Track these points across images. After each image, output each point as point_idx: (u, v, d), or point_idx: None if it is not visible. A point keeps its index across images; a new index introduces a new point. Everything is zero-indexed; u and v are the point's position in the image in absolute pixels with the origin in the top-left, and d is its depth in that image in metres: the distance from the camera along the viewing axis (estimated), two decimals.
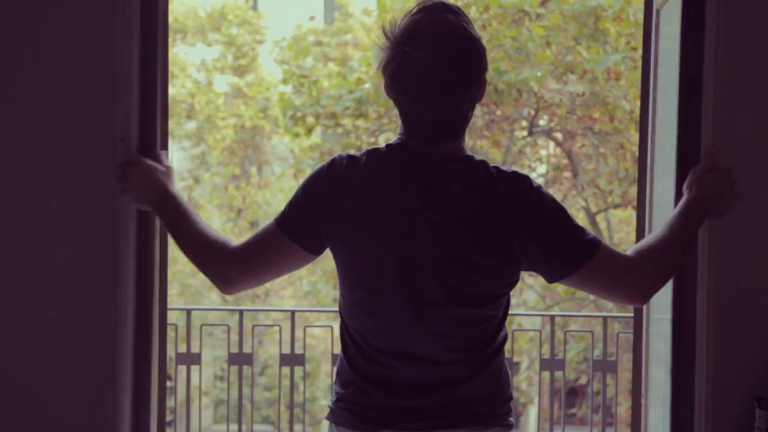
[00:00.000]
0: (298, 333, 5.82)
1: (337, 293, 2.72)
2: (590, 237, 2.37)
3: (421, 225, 2.28)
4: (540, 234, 2.32)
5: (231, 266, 2.47)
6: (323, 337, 16.49)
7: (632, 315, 3.85)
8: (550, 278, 2.41)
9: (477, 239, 2.29)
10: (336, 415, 2.41)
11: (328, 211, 2.33)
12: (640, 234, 3.76)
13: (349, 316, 2.39)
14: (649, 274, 2.44)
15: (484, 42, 2.28)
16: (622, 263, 2.41)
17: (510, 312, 2.50)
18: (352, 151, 2.39)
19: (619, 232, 14.49)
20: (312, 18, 21.26)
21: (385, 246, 2.30)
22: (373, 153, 2.34)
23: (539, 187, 2.37)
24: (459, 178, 2.32)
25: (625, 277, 2.41)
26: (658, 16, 3.61)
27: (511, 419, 2.44)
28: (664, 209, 3.63)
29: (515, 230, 2.31)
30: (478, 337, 2.39)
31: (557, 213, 2.36)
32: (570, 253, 2.34)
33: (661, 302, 3.63)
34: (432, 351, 2.33)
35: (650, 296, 2.49)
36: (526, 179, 2.36)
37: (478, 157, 2.38)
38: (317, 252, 2.42)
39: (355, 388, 2.37)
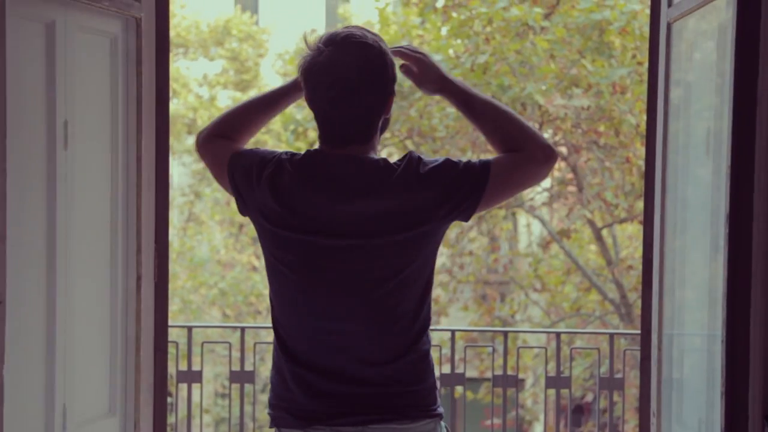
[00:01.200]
0: None
1: None
2: (481, 161, 2.51)
3: (327, 224, 2.43)
4: (440, 192, 2.45)
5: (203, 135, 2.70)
6: None
7: (639, 332, 3.83)
8: (469, 214, 2.51)
9: (382, 228, 2.42)
10: None
11: (252, 189, 2.50)
12: (647, 249, 3.74)
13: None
14: (531, 142, 2.54)
15: (486, 56, 2.33)
16: (513, 156, 2.54)
17: (514, 329, 2.50)
18: (293, 152, 2.54)
19: (627, 248, 14.46)
20: (313, 31, 21.27)
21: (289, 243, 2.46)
22: (295, 155, 2.50)
23: (420, 156, 2.49)
24: (360, 173, 2.44)
25: (525, 160, 2.54)
26: (669, 29, 3.59)
27: (440, 409, 2.51)
28: (676, 225, 3.61)
29: (423, 201, 2.43)
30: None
31: (448, 166, 2.48)
32: (472, 188, 2.47)
33: (673, 317, 3.61)
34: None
35: (547, 148, 2.56)
36: (410, 154, 2.48)
37: (377, 156, 2.51)
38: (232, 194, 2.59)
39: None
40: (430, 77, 2.62)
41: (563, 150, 13.22)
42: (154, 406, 3.74)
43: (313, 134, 12.98)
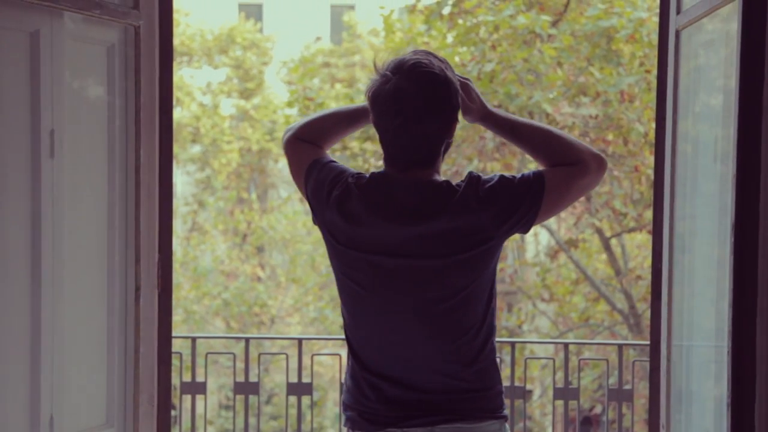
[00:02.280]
0: (306, 361, 5.78)
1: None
2: (534, 173, 2.62)
3: (392, 245, 2.56)
4: (500, 211, 2.56)
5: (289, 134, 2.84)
6: (331, 365, 16.45)
7: (648, 343, 3.82)
8: (528, 226, 2.63)
9: (445, 249, 2.54)
10: None
11: (322, 205, 2.65)
12: (656, 258, 3.74)
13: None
14: (583, 154, 2.64)
15: (493, 64, 2.41)
16: (568, 168, 2.64)
17: (522, 339, 2.55)
18: (360, 172, 2.66)
19: (636, 258, 14.44)
20: (318, 39, 21.32)
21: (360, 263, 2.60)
22: (361, 178, 2.63)
23: (479, 176, 2.60)
24: (423, 196, 2.56)
25: (581, 172, 2.64)
26: (677, 37, 3.60)
27: (504, 412, 2.64)
28: (685, 234, 3.61)
29: (485, 220, 2.55)
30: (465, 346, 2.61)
31: (504, 183, 2.59)
32: (530, 202, 2.59)
33: (682, 327, 3.61)
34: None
35: (598, 157, 2.67)
36: (470, 175, 2.60)
37: (440, 179, 2.61)
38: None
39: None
40: (474, 106, 2.71)
41: None
42: (158, 417, 3.74)
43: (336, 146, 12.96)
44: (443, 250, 2.53)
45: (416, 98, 2.51)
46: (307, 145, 2.79)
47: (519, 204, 2.57)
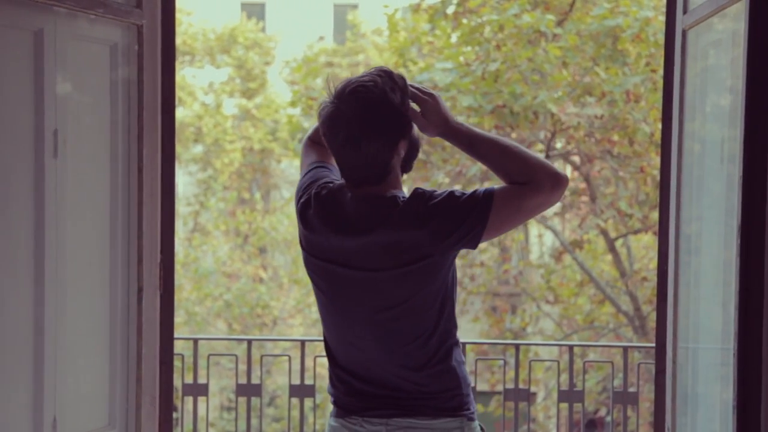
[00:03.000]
0: (308, 363, 5.79)
1: None
2: (485, 190, 2.66)
3: (340, 255, 2.70)
4: (442, 226, 2.63)
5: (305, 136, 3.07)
6: None
7: (654, 345, 3.82)
8: (474, 243, 2.68)
9: (386, 262, 2.65)
10: None
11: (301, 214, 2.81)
12: (662, 260, 3.74)
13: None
14: (538, 173, 2.66)
15: (497, 63, 2.45)
16: (519, 187, 2.67)
17: (526, 341, 2.57)
18: (330, 182, 2.80)
19: (641, 259, 14.43)
20: (321, 38, 21.33)
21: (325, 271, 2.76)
22: (324, 188, 2.77)
23: (424, 192, 2.68)
24: (368, 211, 2.68)
25: (532, 191, 2.67)
26: (684, 36, 3.60)
27: (466, 411, 2.73)
28: (691, 235, 3.61)
29: (423, 236, 2.63)
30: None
31: (449, 200, 2.65)
32: (476, 218, 2.63)
33: (688, 330, 3.60)
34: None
35: (555, 176, 2.67)
36: (415, 191, 2.69)
37: (390, 194, 2.70)
38: None
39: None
40: (433, 121, 2.75)
41: (576, 159, 13.22)
42: (159, 419, 3.75)
43: None
44: (383, 263, 2.65)
45: (354, 122, 2.62)
46: (318, 147, 2.93)
47: (461, 221, 2.62)
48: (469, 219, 2.63)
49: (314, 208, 2.74)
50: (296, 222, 2.86)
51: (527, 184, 2.66)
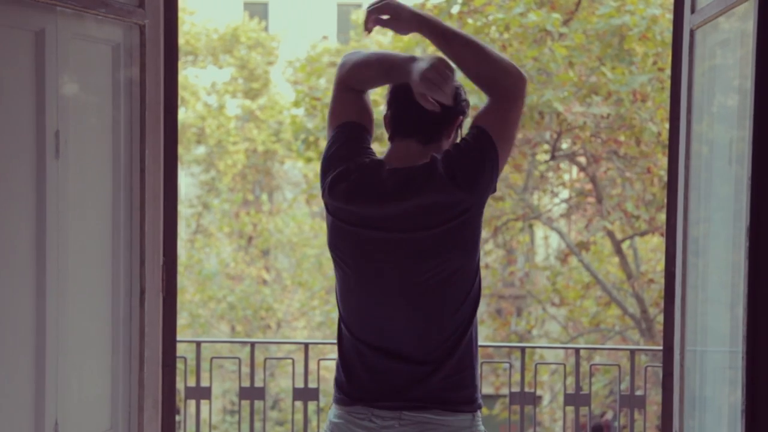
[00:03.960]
0: (312, 366, 5.79)
1: None
2: (476, 132, 2.74)
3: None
4: (470, 175, 2.70)
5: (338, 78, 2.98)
6: None
7: (661, 348, 3.81)
8: (495, 183, 2.78)
9: (435, 221, 2.69)
10: None
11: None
12: (669, 262, 3.74)
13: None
14: (506, 77, 2.74)
15: None
16: (495, 107, 2.77)
17: (532, 344, 2.57)
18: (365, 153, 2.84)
19: (648, 261, 14.42)
20: (325, 37, 21.33)
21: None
22: (360, 160, 2.80)
23: (452, 152, 2.74)
24: (410, 181, 2.73)
25: (505, 99, 2.76)
26: (692, 36, 3.59)
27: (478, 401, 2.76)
28: (699, 237, 3.61)
29: (457, 192, 2.67)
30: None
31: (463, 152, 2.73)
32: (492, 164, 2.73)
33: (696, 332, 3.60)
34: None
35: (521, 79, 2.77)
36: (447, 152, 2.75)
37: (429, 158, 2.77)
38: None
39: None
40: (403, 16, 2.76)
41: (582, 160, 13.20)
42: (162, 422, 3.75)
43: (323, 144, 12.96)
44: (426, 223, 2.67)
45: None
46: (351, 94, 2.90)
47: (482, 166, 2.69)
48: (486, 165, 2.70)
49: (353, 180, 2.74)
50: (301, 224, 2.86)
51: (498, 99, 2.74)
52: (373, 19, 2.77)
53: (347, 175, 2.75)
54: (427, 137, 2.78)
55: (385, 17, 2.76)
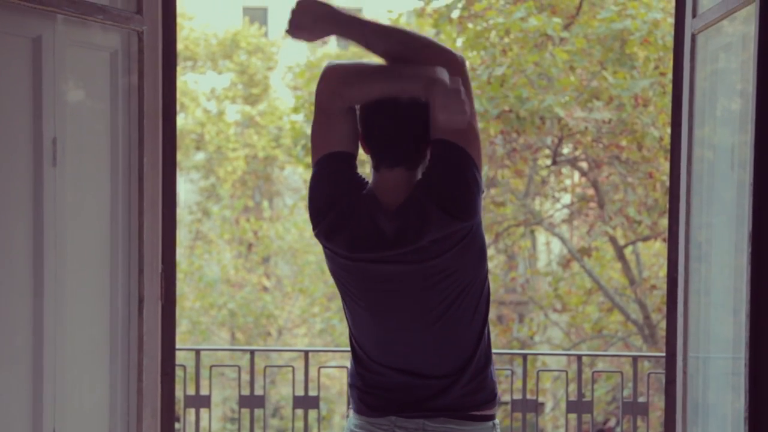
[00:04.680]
0: (312, 373, 5.78)
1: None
2: (438, 143, 2.65)
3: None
4: (461, 196, 2.64)
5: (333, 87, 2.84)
6: (338, 378, 16.44)
7: (664, 354, 3.81)
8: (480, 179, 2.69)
9: (443, 248, 2.65)
10: None
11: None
12: (672, 268, 3.73)
13: None
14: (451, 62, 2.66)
15: (504, 68, 2.53)
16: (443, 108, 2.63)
17: (534, 351, 2.58)
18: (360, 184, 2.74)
19: (651, 267, 14.42)
20: (325, 43, 21.34)
21: None
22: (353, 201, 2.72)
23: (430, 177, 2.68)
24: (409, 224, 2.67)
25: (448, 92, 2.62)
26: (693, 40, 3.59)
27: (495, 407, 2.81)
28: (702, 242, 3.60)
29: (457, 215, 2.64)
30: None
31: (444, 173, 2.66)
32: (466, 168, 2.66)
33: (699, 338, 3.60)
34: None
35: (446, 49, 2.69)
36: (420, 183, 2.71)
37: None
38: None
39: None
40: (319, 16, 2.72)
41: (583, 165, 13.20)
42: (161, 431, 3.74)
43: None
44: (435, 252, 2.62)
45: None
46: (336, 119, 2.77)
47: (468, 191, 2.62)
48: (468, 181, 2.62)
49: (351, 229, 2.68)
50: (302, 230, 2.85)
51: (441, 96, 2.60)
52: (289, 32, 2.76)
53: (344, 224, 2.69)
54: (413, 163, 2.69)
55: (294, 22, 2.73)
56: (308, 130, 13.60)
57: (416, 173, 2.69)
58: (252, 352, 5.70)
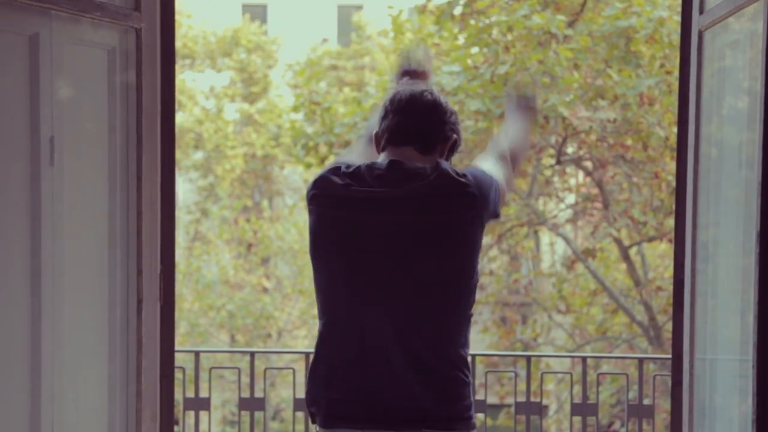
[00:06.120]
0: None
1: None
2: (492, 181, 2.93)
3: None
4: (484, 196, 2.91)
5: None
6: None
7: (670, 357, 3.81)
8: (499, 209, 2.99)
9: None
10: None
11: None
12: (678, 269, 3.73)
13: None
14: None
15: (507, 66, 2.82)
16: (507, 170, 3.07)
17: (537, 353, 2.59)
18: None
19: (656, 268, 14.41)
20: (325, 40, 21.36)
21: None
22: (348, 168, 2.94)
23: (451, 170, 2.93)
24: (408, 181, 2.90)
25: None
26: (701, 37, 3.59)
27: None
28: (708, 243, 3.60)
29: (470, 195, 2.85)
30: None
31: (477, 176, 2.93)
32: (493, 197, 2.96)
33: (705, 340, 3.59)
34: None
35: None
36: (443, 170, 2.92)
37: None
38: None
39: None
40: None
41: (588, 164, 13.20)
42: None
43: (324, 149, 12.97)
44: (428, 210, 2.78)
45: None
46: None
47: (489, 191, 2.89)
48: (491, 193, 2.85)
49: (345, 176, 2.83)
50: (302, 230, 2.90)
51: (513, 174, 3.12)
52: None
53: (340, 181, 2.84)
54: (424, 146, 2.87)
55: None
56: (309, 129, 13.60)
57: (426, 159, 2.84)
58: (252, 354, 5.70)
